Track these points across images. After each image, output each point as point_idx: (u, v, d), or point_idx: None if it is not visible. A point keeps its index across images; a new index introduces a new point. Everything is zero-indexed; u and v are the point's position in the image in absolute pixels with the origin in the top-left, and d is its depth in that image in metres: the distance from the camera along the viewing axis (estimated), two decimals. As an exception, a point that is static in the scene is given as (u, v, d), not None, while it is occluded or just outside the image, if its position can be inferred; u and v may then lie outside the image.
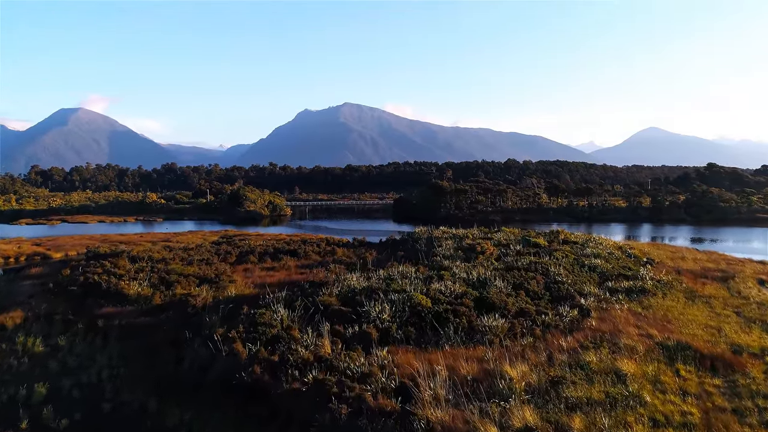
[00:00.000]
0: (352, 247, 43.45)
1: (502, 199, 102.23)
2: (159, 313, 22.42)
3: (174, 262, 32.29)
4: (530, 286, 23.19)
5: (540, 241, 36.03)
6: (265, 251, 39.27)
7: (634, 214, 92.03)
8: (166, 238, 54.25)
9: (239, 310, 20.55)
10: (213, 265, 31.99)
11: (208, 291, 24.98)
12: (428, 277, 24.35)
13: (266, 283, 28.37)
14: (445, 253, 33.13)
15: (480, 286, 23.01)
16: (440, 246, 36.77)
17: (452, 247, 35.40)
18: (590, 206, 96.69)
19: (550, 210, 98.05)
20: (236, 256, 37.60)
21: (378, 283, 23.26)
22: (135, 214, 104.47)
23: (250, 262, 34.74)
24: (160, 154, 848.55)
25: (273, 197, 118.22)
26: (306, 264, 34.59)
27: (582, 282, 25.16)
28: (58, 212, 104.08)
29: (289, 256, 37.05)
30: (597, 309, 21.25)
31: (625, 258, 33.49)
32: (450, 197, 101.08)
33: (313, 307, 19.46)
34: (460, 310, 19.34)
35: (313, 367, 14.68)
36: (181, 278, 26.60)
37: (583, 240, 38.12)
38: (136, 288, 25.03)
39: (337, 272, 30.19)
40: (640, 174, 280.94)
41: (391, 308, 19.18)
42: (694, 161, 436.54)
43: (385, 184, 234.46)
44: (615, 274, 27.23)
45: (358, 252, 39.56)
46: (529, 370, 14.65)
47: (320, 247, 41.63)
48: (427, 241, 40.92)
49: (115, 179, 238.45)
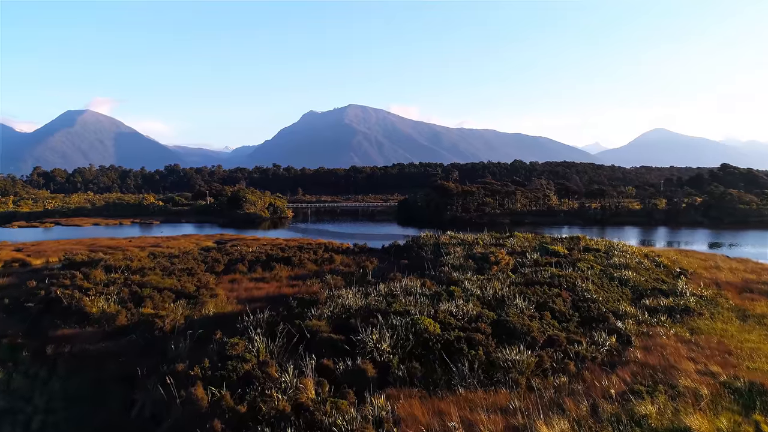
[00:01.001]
0: (352, 254, 40.17)
1: (510, 201, 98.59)
2: (121, 337, 19.22)
3: (153, 272, 29.11)
4: (556, 305, 19.79)
5: (559, 249, 32.60)
6: (257, 259, 36.05)
7: (649, 217, 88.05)
8: (156, 243, 51.20)
9: (212, 335, 17.32)
10: (196, 276, 28.78)
11: (183, 308, 21.76)
12: (436, 293, 21.00)
13: (252, 298, 25.18)
14: (454, 262, 29.76)
15: (497, 306, 19.66)
16: (448, 254, 33.42)
17: (462, 256, 32.03)
18: (603, 208, 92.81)
19: (560, 212, 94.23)
20: (225, 264, 34.41)
21: (378, 301, 19.97)
22: (132, 216, 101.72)
23: (238, 272, 31.53)
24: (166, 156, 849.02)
25: (274, 199, 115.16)
26: (300, 274, 31.33)
27: (614, 299, 21.75)
28: (53, 214, 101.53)
29: (283, 265, 33.80)
30: (638, 335, 17.84)
31: (655, 268, 30.01)
32: (456, 199, 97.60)
33: (298, 335, 16.17)
34: (475, 338, 15.99)
35: (290, 423, 11.37)
36: (154, 293, 23.39)
37: (606, 247, 34.63)
38: (101, 305, 21.85)
39: (333, 285, 26.94)
40: (650, 175, 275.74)
41: (392, 335, 15.86)
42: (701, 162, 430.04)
43: (390, 185, 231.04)
44: (649, 289, 23.80)
45: (358, 260, 36.27)
46: (569, 429, 11.28)
47: (317, 254, 38.36)
48: (433, 247, 37.60)
49: (118, 180, 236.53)
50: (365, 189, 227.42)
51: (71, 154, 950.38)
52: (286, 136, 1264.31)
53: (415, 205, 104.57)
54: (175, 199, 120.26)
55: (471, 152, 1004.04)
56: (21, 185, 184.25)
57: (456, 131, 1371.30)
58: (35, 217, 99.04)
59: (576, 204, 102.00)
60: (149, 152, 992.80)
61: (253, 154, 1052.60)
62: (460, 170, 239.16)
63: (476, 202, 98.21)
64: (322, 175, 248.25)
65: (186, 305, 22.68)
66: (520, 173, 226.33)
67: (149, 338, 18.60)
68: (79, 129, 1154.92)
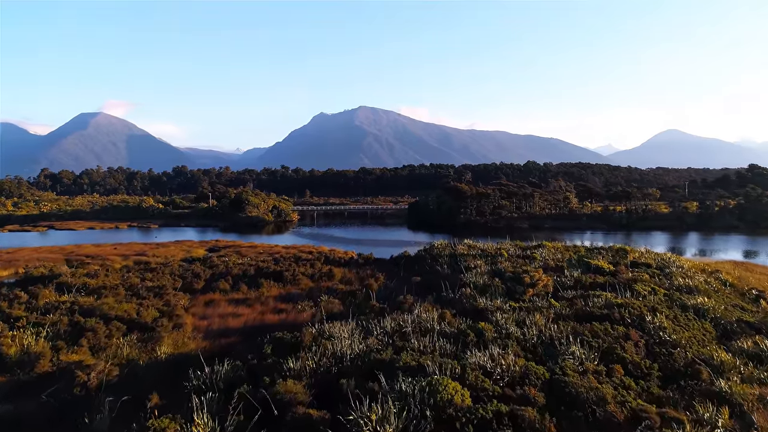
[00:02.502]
0: (356, 266, 35.00)
1: (528, 204, 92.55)
2: (34, 393, 14.18)
3: (114, 293, 24.19)
4: (626, 353, 14.40)
5: (602, 263, 27.11)
6: (244, 273, 31.07)
7: (679, 221, 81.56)
8: (142, 251, 46.53)
9: (145, 400, 12.26)
10: (164, 298, 23.80)
11: (132, 347, 16.78)
12: (460, 333, 15.72)
13: (226, 329, 20.13)
14: (476, 281, 24.44)
15: (545, 354, 14.36)
16: (469, 269, 28.10)
17: (485, 273, 26.70)
18: (628, 212, 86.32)
19: (583, 216, 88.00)
20: (205, 280, 29.50)
21: (381, 345, 14.77)
22: (130, 219, 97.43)
23: (219, 290, 26.52)
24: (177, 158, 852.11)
25: (278, 201, 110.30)
26: (291, 293, 26.23)
27: (698, 340, 16.29)
28: (49, 218, 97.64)
29: (273, 281, 28.75)
30: (755, 404, 12.41)
31: (723, 289, 24.42)
32: (470, 202, 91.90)
33: (262, 409, 10.98)
34: (523, 416, 10.74)
35: None
36: (98, 325, 18.42)
37: (658, 262, 29.03)
38: (27, 342, 16.90)
39: (328, 310, 21.85)
40: (668, 176, 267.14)
41: (400, 411, 10.66)
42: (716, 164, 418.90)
43: (400, 187, 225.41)
44: (734, 322, 18.29)
45: (362, 274, 31.10)
46: None
47: (314, 267, 33.24)
48: (450, 260, 32.29)
49: (125, 182, 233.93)
50: (375, 191, 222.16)
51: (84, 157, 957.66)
52: (297, 137, 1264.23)
53: (427, 208, 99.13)
54: (176, 202, 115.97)
55: (482, 154, 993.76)
56: (26, 187, 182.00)
57: (467, 133, 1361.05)
58: (31, 220, 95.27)
59: (599, 207, 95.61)
60: (161, 154, 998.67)
61: (264, 156, 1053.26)
62: (472, 171, 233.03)
63: (492, 205, 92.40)
64: (330, 176, 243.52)
65: (137, 341, 17.71)
66: (534, 174, 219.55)
67: (67, 399, 13.55)
68: (92, 131, 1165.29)
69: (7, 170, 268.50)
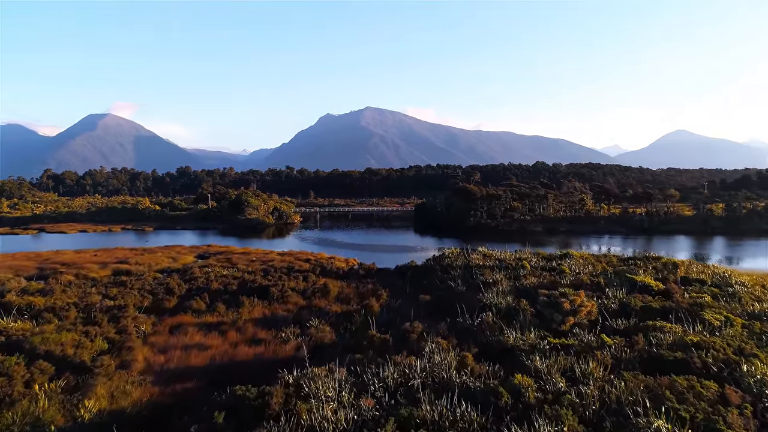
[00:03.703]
0: (356, 278, 30.78)
1: (542, 207, 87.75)
2: None
3: (63, 315, 20.12)
4: (732, 430, 10.00)
5: (648, 280, 22.68)
6: (225, 288, 26.96)
7: (704, 225, 76.47)
8: (124, 258, 42.60)
9: None
10: (121, 322, 19.66)
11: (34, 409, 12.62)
12: (489, 392, 11.38)
13: (186, 369, 15.95)
14: (498, 303, 20.13)
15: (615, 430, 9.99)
16: (487, 285, 23.79)
17: (508, 291, 22.37)
18: (649, 215, 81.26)
19: (600, 219, 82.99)
20: (180, 296, 25.42)
21: (378, 414, 10.49)
22: (125, 221, 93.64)
23: (191, 311, 22.39)
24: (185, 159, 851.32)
25: (280, 203, 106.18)
26: (277, 315, 22.06)
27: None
28: (42, 220, 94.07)
29: (257, 298, 24.60)
30: None
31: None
32: (481, 204, 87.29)
33: None
34: None
35: None
36: (18, 366, 14.28)
37: (712, 277, 24.52)
38: None
39: (317, 339, 17.73)
40: (681, 177, 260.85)
41: None
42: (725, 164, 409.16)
43: (406, 188, 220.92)
44: None
45: (363, 290, 26.88)
46: None
47: (308, 281, 29.04)
48: (463, 272, 27.98)
49: (128, 183, 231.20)
50: (380, 192, 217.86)
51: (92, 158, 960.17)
52: (303, 138, 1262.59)
53: (434, 210, 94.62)
54: (174, 204, 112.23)
55: (488, 155, 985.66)
56: (27, 188, 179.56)
57: (473, 133, 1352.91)
58: (22, 222, 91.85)
59: (617, 209, 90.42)
60: (168, 155, 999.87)
61: (271, 157, 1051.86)
62: (480, 172, 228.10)
63: (503, 207, 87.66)
64: (336, 177, 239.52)
65: (62, 391, 13.57)
66: (544, 175, 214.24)
67: None
68: (100, 133, 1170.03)
69: (16, 171, 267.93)
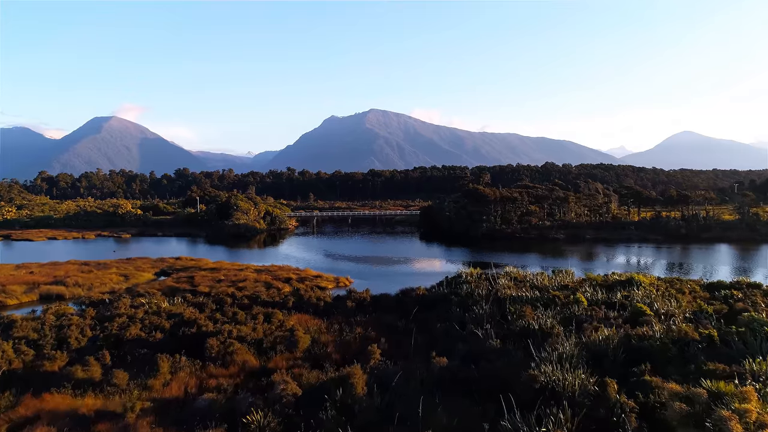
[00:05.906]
0: (342, 312, 22.36)
1: (562, 211, 78.83)
2: None
3: None
4: None
5: None
6: (148, 336, 18.54)
7: (751, 231, 67.33)
8: (64, 276, 34.57)
9: None
10: None
11: None
12: None
13: None
14: (566, 383, 11.54)
15: None
16: (536, 339, 15.23)
17: (574, 354, 13.75)
18: (685, 220, 72.02)
19: (630, 225, 73.86)
20: (74, 351, 17.07)
21: None
22: (102, 227, 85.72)
23: (73, 382, 14.00)
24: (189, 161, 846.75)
25: (273, 207, 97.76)
26: (196, 402, 13.62)
27: None
28: (12, 225, 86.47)
29: (186, 356, 16.19)
30: None
31: None
32: (494, 207, 78.58)
33: None
34: None
35: None
36: None
37: None
38: None
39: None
40: (696, 178, 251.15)
41: None
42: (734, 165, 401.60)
43: (411, 190, 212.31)
44: None
45: (347, 337, 18.38)
46: None
47: (272, 321, 20.53)
48: (491, 307, 19.40)
49: (123, 185, 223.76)
50: (384, 194, 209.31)
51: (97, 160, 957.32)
52: (308, 141, 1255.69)
53: (442, 213, 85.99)
54: (159, 207, 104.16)
55: (493, 156, 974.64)
56: (17, 190, 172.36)
57: (478, 135, 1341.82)
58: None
59: (649, 213, 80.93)
60: (173, 158, 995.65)
61: (275, 159, 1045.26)
62: (488, 173, 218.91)
63: (519, 211, 78.84)
64: (338, 179, 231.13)
65: None
66: (555, 176, 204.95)
67: None
68: (105, 135, 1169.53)
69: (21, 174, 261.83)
